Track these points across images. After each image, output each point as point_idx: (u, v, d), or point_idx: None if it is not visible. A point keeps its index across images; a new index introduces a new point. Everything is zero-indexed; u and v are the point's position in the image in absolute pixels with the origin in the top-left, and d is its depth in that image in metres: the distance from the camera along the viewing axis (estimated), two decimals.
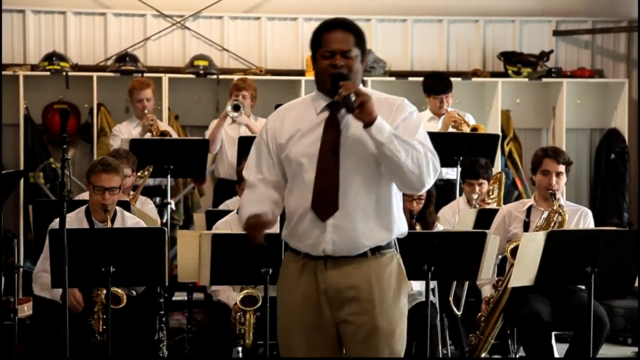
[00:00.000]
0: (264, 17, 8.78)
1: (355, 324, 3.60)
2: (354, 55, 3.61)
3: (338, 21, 3.71)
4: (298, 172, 3.59)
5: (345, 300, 3.59)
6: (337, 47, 3.61)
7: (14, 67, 8.25)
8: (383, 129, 3.45)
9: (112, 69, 8.32)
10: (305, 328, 3.63)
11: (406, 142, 3.48)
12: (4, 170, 7.69)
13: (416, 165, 3.48)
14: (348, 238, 3.55)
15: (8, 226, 7.71)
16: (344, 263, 3.58)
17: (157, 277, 4.96)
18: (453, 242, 5.03)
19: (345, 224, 3.54)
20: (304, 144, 3.59)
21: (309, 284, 3.61)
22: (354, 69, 3.59)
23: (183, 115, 8.54)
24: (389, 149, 3.44)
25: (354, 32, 3.66)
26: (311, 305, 3.61)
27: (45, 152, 8.33)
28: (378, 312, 3.59)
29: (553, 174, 5.56)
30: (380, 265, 3.62)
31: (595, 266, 4.81)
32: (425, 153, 3.51)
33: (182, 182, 8.24)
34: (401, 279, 3.67)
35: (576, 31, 9.10)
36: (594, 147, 9.17)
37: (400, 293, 3.66)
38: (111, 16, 8.65)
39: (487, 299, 5.52)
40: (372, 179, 3.57)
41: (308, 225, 3.57)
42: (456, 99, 8.27)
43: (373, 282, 3.60)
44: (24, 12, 8.49)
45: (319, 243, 3.56)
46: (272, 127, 3.69)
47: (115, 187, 5.30)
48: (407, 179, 3.51)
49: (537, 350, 5.34)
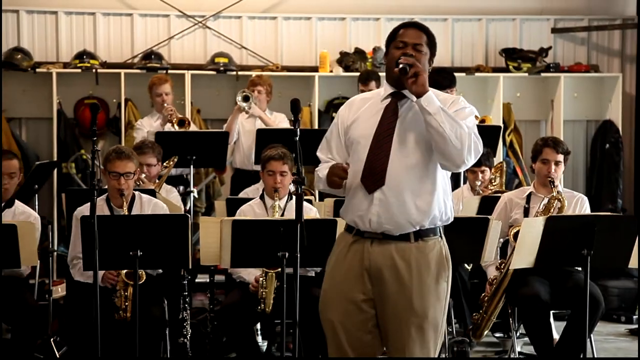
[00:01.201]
0: (280, 16, 8.76)
1: (391, 303, 3.64)
2: (424, 51, 3.73)
3: (415, 22, 3.86)
4: (356, 150, 3.72)
5: (385, 279, 3.64)
6: (410, 40, 3.72)
7: (48, 65, 8.26)
8: (432, 101, 3.57)
9: (139, 66, 8.32)
10: (346, 300, 3.68)
11: (453, 118, 3.56)
12: (39, 161, 7.72)
13: (459, 140, 3.53)
14: (391, 212, 3.62)
15: (43, 213, 7.70)
16: (388, 244, 3.65)
17: (181, 260, 4.96)
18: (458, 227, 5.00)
19: (389, 199, 3.62)
20: (364, 126, 3.72)
21: (355, 260, 3.68)
22: (421, 62, 3.68)
23: (204, 109, 8.55)
24: (435, 119, 3.53)
25: (427, 33, 3.79)
26: (354, 280, 3.67)
27: (77, 144, 8.35)
28: (415, 294, 3.62)
29: (552, 162, 5.55)
30: (422, 251, 3.66)
31: (591, 249, 4.79)
32: (469, 133, 3.57)
33: (204, 171, 8.25)
34: (442, 266, 3.69)
35: (573, 29, 9.07)
36: (590, 137, 9.15)
37: (439, 279, 3.67)
38: (137, 17, 8.65)
39: (490, 280, 5.51)
40: (421, 164, 3.64)
41: (358, 198, 3.67)
42: (460, 92, 8.24)
43: (413, 266, 3.64)
44: (57, 14, 8.51)
45: (365, 215, 3.65)
46: (343, 112, 3.84)
47: (129, 172, 5.33)
48: (449, 152, 3.55)
49: (536, 328, 5.34)
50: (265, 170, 5.57)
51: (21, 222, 5.12)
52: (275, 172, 5.48)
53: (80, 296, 5.24)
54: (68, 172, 8.09)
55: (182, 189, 7.02)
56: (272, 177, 5.50)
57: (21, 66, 8.06)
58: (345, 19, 8.83)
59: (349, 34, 8.83)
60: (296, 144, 3.89)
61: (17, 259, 4.90)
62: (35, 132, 8.56)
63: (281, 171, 5.48)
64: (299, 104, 3.94)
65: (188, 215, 5.05)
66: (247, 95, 7.32)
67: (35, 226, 5.15)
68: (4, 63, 8.02)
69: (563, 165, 5.62)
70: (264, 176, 5.60)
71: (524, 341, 6.01)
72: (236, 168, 7.57)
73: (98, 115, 4.59)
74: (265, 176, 5.59)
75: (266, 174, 5.57)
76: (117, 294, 5.10)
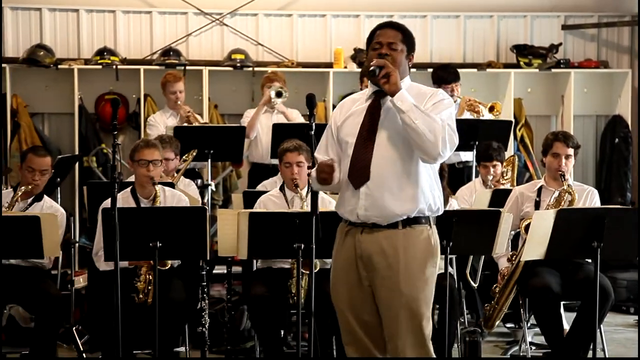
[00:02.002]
0: (295, 14, 8.75)
1: (382, 287, 3.76)
2: (399, 49, 3.82)
3: (390, 22, 3.95)
4: (345, 149, 3.84)
5: (375, 265, 3.75)
6: (384, 40, 3.82)
7: (69, 61, 8.28)
8: (405, 99, 3.66)
9: (158, 63, 8.33)
10: (347, 285, 3.82)
11: (426, 113, 3.65)
12: (61, 155, 7.75)
13: (432, 134, 3.62)
14: (377, 205, 3.73)
15: (64, 205, 7.71)
16: (377, 232, 3.76)
17: (199, 251, 4.98)
18: (470, 220, 5.01)
19: (374, 193, 3.73)
20: (351, 125, 3.83)
21: (349, 248, 3.82)
22: (397, 60, 3.79)
23: (221, 104, 8.55)
24: (408, 116, 3.62)
25: (402, 31, 3.87)
26: (350, 266, 3.81)
27: (98, 139, 8.36)
28: (402, 278, 3.72)
29: (562, 156, 5.54)
30: (409, 237, 3.76)
31: (601, 241, 4.77)
32: (443, 125, 3.65)
33: (221, 165, 8.25)
34: (429, 253, 3.79)
35: (583, 25, 9.02)
36: (600, 132, 9.10)
37: (426, 264, 3.77)
38: (156, 14, 8.66)
39: (502, 272, 5.49)
40: (404, 157, 3.73)
41: (348, 194, 3.79)
42: (472, 88, 8.24)
43: (400, 251, 3.74)
44: (78, 12, 8.52)
45: (354, 209, 3.77)
46: (335, 113, 3.97)
47: (157, 160, 5.38)
48: (424, 147, 3.64)
49: (547, 318, 5.33)
50: (283, 163, 5.57)
51: (44, 214, 5.14)
52: (292, 164, 5.48)
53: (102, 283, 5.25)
54: (89, 165, 8.11)
55: (200, 182, 7.02)
56: (289, 169, 5.50)
57: (44, 63, 8.08)
58: (360, 16, 8.81)
59: (363, 31, 8.80)
60: (311, 138, 3.92)
61: (40, 250, 4.92)
62: (57, 127, 8.58)
63: (297, 162, 5.47)
64: (314, 99, 3.98)
65: (206, 208, 5.06)
66: (280, 92, 7.34)
67: (58, 219, 5.16)
68: (27, 60, 8.05)
69: (573, 159, 5.60)
70: (282, 169, 5.60)
71: (534, 331, 6.00)
72: (253, 162, 7.57)
73: (118, 110, 4.60)
74: (283, 169, 5.58)
75: (283, 166, 5.57)
76: (140, 278, 5.11)
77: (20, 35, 8.45)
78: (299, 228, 4.61)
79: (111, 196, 4.43)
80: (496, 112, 7.40)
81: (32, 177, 5.49)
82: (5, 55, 8.37)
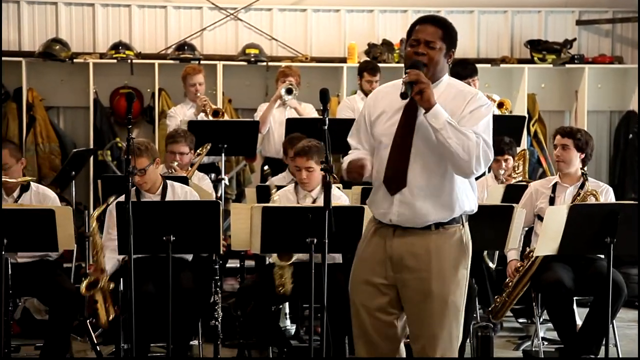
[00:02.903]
0: (309, 9, 8.74)
1: (412, 287, 3.65)
2: (437, 47, 3.64)
3: (431, 17, 3.75)
4: (378, 148, 3.71)
5: (406, 266, 3.65)
6: (422, 37, 3.64)
7: (85, 55, 8.30)
8: (439, 116, 3.49)
9: (172, 57, 8.34)
10: (370, 283, 3.71)
11: (460, 130, 3.50)
12: (76, 148, 7.77)
13: (466, 153, 3.49)
14: (411, 213, 3.63)
15: (79, 199, 7.78)
16: (410, 233, 3.66)
17: (213, 245, 4.98)
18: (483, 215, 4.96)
19: (409, 200, 3.62)
20: (386, 125, 3.69)
21: (378, 246, 3.71)
22: (435, 59, 3.64)
23: (235, 98, 8.55)
24: (441, 135, 3.49)
25: (443, 27, 3.69)
26: (376, 265, 3.70)
27: (112, 132, 8.39)
28: (434, 279, 3.63)
29: (559, 146, 5.57)
30: (442, 238, 3.66)
31: (614, 237, 4.74)
32: (477, 142, 3.51)
33: (235, 159, 8.25)
34: (462, 253, 3.69)
35: (597, 21, 8.98)
36: (613, 128, 9.08)
37: (459, 265, 3.68)
38: (171, 9, 8.67)
39: (516, 267, 5.48)
40: (440, 164, 3.60)
41: (381, 196, 3.69)
42: (485, 83, 8.21)
43: (432, 252, 3.64)
44: (94, 6, 8.55)
45: (387, 213, 3.67)
46: (369, 104, 3.81)
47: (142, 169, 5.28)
48: (457, 164, 3.53)
49: (559, 314, 5.31)
50: (293, 164, 5.55)
51: (58, 207, 5.15)
52: (301, 168, 5.43)
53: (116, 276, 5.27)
54: (104, 159, 8.13)
55: (213, 176, 7.03)
56: (299, 173, 5.46)
57: (59, 57, 8.10)
58: (373, 11, 8.79)
59: (376, 26, 8.79)
60: (325, 133, 3.87)
61: (55, 243, 4.93)
62: (73, 121, 8.61)
63: (307, 167, 5.40)
64: (327, 94, 3.92)
65: (219, 202, 5.06)
66: (290, 89, 7.34)
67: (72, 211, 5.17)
68: (43, 53, 8.07)
69: (574, 150, 5.54)
70: (292, 168, 5.58)
71: (547, 327, 5.98)
72: (267, 157, 7.57)
73: (133, 104, 4.60)
74: (292, 168, 5.57)
75: (294, 167, 5.55)
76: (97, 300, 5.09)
77: (37, 29, 8.48)
78: (312, 222, 4.59)
79: (125, 190, 4.43)
80: (505, 109, 7.38)
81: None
82: (21, 49, 8.42)
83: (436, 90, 3.59)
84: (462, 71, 7.53)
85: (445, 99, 3.59)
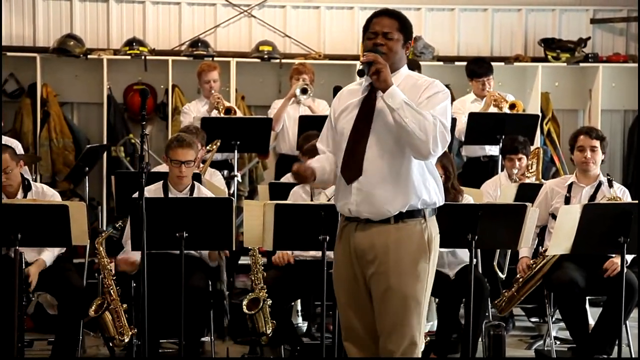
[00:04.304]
0: (322, 6, 8.73)
1: (374, 282, 3.68)
2: (395, 38, 3.70)
3: (387, 10, 3.80)
4: (340, 142, 3.73)
5: (368, 260, 3.68)
6: (379, 29, 3.71)
7: (99, 51, 8.32)
8: (395, 95, 3.53)
9: (186, 54, 8.34)
10: (346, 281, 3.76)
11: (417, 110, 3.53)
12: (90, 144, 7.78)
13: (423, 132, 3.50)
14: (368, 201, 3.64)
15: (93, 195, 7.80)
16: (370, 227, 3.68)
17: (225, 242, 4.98)
18: (496, 214, 4.96)
19: (366, 188, 3.64)
20: (347, 118, 3.73)
21: (345, 244, 3.75)
22: (393, 50, 3.69)
23: (249, 95, 8.55)
24: (398, 114, 3.51)
25: (398, 19, 3.76)
26: (348, 262, 3.74)
27: (126, 129, 8.40)
28: (392, 274, 3.64)
29: (587, 148, 5.50)
30: (402, 233, 3.66)
31: (627, 236, 4.72)
32: (434, 123, 3.53)
33: (248, 156, 8.26)
34: (422, 248, 3.68)
35: (612, 19, 8.93)
36: (627, 126, 9.03)
37: (418, 259, 3.66)
38: (185, 5, 8.68)
39: (529, 264, 5.46)
40: (397, 152, 3.62)
41: (342, 188, 3.72)
42: (499, 81, 8.18)
43: (391, 247, 3.65)
44: (108, 2, 8.56)
45: (346, 203, 3.69)
46: (334, 103, 3.86)
47: (190, 160, 5.38)
48: (414, 144, 3.54)
49: (572, 313, 5.28)
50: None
51: (72, 202, 5.16)
52: None
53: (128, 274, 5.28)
54: (117, 155, 8.15)
55: (226, 173, 7.03)
56: None
57: (74, 52, 8.12)
58: None
59: None
60: None
61: (69, 238, 4.94)
62: (86, 116, 8.64)
63: None
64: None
65: (232, 199, 5.06)
66: (305, 89, 7.35)
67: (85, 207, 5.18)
68: (58, 49, 8.09)
69: (600, 152, 5.52)
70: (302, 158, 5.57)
71: (559, 326, 5.96)
72: (281, 154, 7.56)
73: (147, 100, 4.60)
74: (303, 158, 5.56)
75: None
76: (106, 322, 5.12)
77: (51, 25, 8.50)
78: (325, 220, 4.59)
79: (139, 186, 4.44)
80: (516, 110, 7.35)
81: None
82: (36, 44, 8.44)
83: (395, 80, 3.62)
84: (477, 69, 7.53)
85: (402, 88, 3.61)
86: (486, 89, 7.47)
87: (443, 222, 3.82)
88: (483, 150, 7.42)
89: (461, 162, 7.80)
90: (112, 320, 5.08)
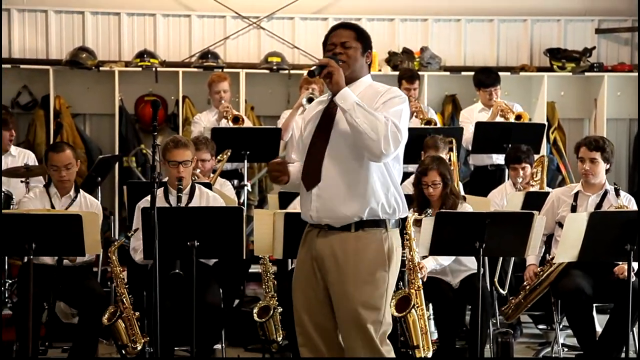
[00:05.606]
0: (331, 17, 8.76)
1: (333, 290, 3.70)
2: (353, 46, 3.76)
3: (343, 23, 3.91)
4: (303, 151, 3.80)
5: (327, 267, 3.70)
6: (337, 40, 3.78)
7: (110, 63, 8.36)
8: (347, 97, 3.58)
9: (196, 65, 8.38)
10: (305, 287, 3.78)
11: (369, 111, 3.57)
12: (102, 155, 7.82)
13: (375, 132, 3.53)
14: (327, 207, 3.68)
15: (105, 204, 7.82)
16: (331, 234, 3.71)
17: (236, 250, 4.99)
18: (503, 222, 4.96)
19: (325, 195, 3.68)
20: (310, 128, 3.80)
21: (307, 250, 3.79)
22: (352, 57, 3.75)
23: (258, 106, 8.58)
24: (350, 115, 3.56)
25: (355, 29, 3.83)
26: (308, 269, 3.77)
27: (137, 139, 8.44)
28: (350, 282, 3.65)
29: (587, 160, 5.48)
30: (361, 241, 3.69)
31: (634, 244, 4.72)
32: (386, 123, 3.55)
33: (257, 166, 8.27)
34: (381, 257, 3.69)
35: (617, 29, 8.94)
36: (633, 135, 9.02)
37: (377, 268, 3.68)
38: (195, 18, 8.72)
39: (536, 272, 5.45)
40: (355, 158, 3.66)
41: (303, 195, 3.77)
42: (505, 91, 8.19)
43: (350, 255, 3.67)
44: (120, 15, 8.61)
45: (308, 210, 3.73)
46: (303, 117, 3.94)
47: (187, 160, 5.39)
48: (366, 144, 3.56)
49: (579, 320, 5.27)
50: None
51: (85, 212, 5.18)
52: None
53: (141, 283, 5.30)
54: (129, 165, 8.18)
55: (236, 183, 7.05)
56: None
57: (86, 65, 8.16)
58: (394, 20, 8.80)
59: (397, 35, 8.80)
60: None
61: (82, 247, 4.96)
62: (98, 127, 8.67)
63: None
64: None
65: (242, 208, 5.07)
66: (312, 98, 7.35)
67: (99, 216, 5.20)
68: (70, 62, 8.13)
69: (602, 162, 5.48)
70: None
71: (567, 333, 5.94)
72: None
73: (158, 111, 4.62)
74: None
75: None
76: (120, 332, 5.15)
77: (64, 38, 8.55)
78: None
79: (151, 196, 4.45)
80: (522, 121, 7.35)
81: (59, 175, 5.49)
82: (49, 57, 8.49)
83: (356, 88, 3.70)
84: (485, 80, 7.55)
85: (363, 96, 3.66)
86: (493, 99, 7.49)
87: (450, 230, 3.82)
88: (490, 159, 7.43)
89: (468, 171, 7.81)
90: (125, 328, 5.11)
